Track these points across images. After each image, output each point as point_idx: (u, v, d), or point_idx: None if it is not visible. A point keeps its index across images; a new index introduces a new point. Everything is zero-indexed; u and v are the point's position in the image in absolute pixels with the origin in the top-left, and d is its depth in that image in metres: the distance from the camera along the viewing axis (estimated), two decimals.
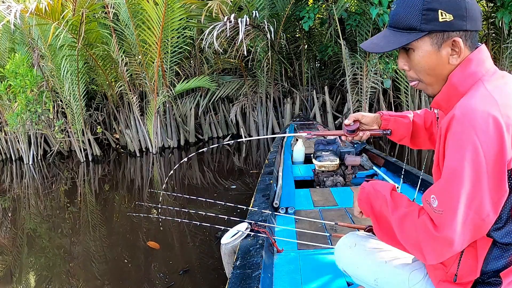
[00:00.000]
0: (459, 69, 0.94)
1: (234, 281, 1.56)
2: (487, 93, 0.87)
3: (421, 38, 0.92)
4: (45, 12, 5.69)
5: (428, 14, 0.90)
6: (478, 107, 0.84)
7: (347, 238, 1.32)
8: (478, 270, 0.97)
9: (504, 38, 6.35)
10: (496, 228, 0.91)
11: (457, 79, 0.94)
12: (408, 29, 0.93)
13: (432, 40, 0.92)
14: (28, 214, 4.67)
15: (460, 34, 0.91)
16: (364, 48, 1.03)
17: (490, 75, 0.93)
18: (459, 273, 1.01)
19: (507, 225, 0.91)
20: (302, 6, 7.05)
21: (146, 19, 6.30)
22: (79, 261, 3.22)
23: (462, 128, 0.84)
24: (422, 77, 0.98)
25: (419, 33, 0.92)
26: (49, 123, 7.49)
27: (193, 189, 5.06)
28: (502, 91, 0.89)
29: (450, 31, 0.90)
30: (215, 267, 2.82)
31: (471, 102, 0.86)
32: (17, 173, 7.01)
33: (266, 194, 2.60)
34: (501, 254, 0.94)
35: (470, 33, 0.92)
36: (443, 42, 0.92)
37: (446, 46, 0.92)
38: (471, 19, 0.90)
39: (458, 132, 0.85)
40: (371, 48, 1.01)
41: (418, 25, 0.91)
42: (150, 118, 7.17)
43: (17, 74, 6.69)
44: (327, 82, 8.72)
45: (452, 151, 0.86)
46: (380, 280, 1.20)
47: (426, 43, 0.93)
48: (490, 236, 0.93)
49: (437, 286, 1.09)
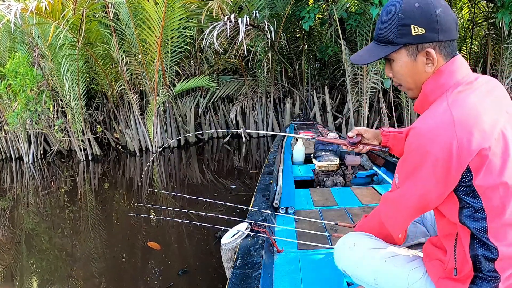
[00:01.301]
0: (431, 80, 1.05)
1: (234, 281, 1.56)
2: (447, 108, 0.97)
3: (398, 51, 1.05)
4: (45, 11, 5.69)
5: (402, 29, 1.01)
6: (434, 123, 0.96)
7: (346, 238, 1.32)
8: (468, 258, 1.01)
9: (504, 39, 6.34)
10: (465, 217, 1.00)
11: (428, 89, 1.06)
12: (387, 42, 1.06)
13: (408, 52, 1.04)
14: (27, 213, 4.67)
15: (433, 45, 1.02)
16: (352, 61, 1.16)
17: (458, 85, 1.02)
18: (458, 266, 1.04)
19: (474, 216, 0.99)
20: (302, 6, 7.05)
21: (146, 19, 6.30)
22: (78, 260, 3.22)
23: (417, 138, 0.98)
24: (403, 83, 1.12)
25: (395, 46, 1.04)
26: (49, 123, 7.49)
27: (193, 189, 5.06)
28: (462, 104, 0.97)
29: (423, 43, 1.01)
30: (214, 268, 2.81)
31: (430, 117, 0.99)
32: (17, 172, 7.02)
33: (266, 194, 2.60)
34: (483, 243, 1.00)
35: (443, 43, 1.02)
36: (418, 53, 1.03)
37: (420, 56, 1.03)
38: (443, 30, 1.00)
39: (414, 140, 0.99)
40: (357, 61, 1.14)
41: (394, 39, 1.03)
42: (150, 117, 7.17)
43: (17, 73, 6.69)
44: (327, 82, 8.72)
45: (408, 149, 1.02)
46: (380, 280, 1.21)
47: (403, 55, 1.05)
48: (463, 223, 1.01)
49: (436, 283, 1.10)
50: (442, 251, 1.11)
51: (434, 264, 1.12)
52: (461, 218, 1.01)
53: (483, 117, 0.95)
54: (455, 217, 1.02)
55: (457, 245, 1.05)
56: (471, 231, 1.01)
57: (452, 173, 0.95)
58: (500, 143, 0.96)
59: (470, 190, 0.97)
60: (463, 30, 8.41)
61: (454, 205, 1.01)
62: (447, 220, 1.07)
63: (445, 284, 1.07)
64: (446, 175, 0.96)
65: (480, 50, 7.99)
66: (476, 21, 7.66)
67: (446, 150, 0.93)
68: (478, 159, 0.94)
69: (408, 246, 1.39)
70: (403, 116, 7.14)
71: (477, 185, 0.96)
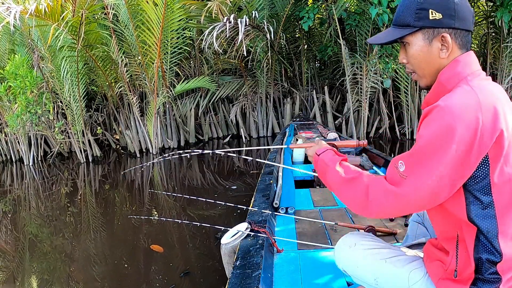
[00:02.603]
0: (447, 69, 1.05)
1: (234, 281, 1.56)
2: (471, 89, 0.97)
3: (414, 34, 1.07)
4: (44, 13, 5.69)
5: (420, 13, 1.04)
6: (460, 101, 0.95)
7: (346, 238, 1.32)
8: (472, 261, 1.00)
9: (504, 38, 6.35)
10: (474, 213, 0.99)
11: (444, 77, 1.05)
12: (405, 25, 1.08)
13: (424, 36, 1.06)
14: (28, 215, 4.67)
15: (448, 31, 1.04)
16: (369, 42, 1.19)
17: (475, 76, 1.03)
18: (458, 269, 1.03)
19: (484, 212, 0.98)
20: (301, 6, 7.05)
21: (145, 20, 6.30)
22: (79, 262, 3.22)
23: (442, 114, 0.94)
24: (416, 69, 1.12)
25: (412, 29, 1.07)
26: (49, 124, 7.49)
27: (193, 189, 5.06)
28: (484, 89, 0.98)
29: (439, 27, 1.04)
30: (215, 268, 2.81)
31: (455, 96, 0.97)
32: (18, 174, 7.02)
33: (266, 194, 2.60)
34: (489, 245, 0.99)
35: (459, 32, 1.04)
36: (434, 38, 1.05)
37: (436, 41, 1.05)
38: (460, 18, 1.03)
39: (438, 116, 0.95)
40: (373, 41, 1.18)
41: (411, 22, 1.06)
42: (150, 118, 7.17)
43: (17, 76, 6.70)
44: (327, 82, 8.72)
45: (429, 127, 0.96)
46: (380, 280, 1.20)
47: (419, 38, 1.07)
48: (471, 221, 0.99)
49: (437, 284, 1.09)
50: (443, 252, 1.11)
51: (434, 265, 1.11)
52: (470, 215, 0.99)
53: (503, 106, 0.97)
54: (462, 213, 1.00)
55: (459, 247, 1.03)
56: (477, 232, 0.99)
57: (472, 156, 0.92)
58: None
59: (483, 183, 0.96)
60: None
61: (461, 200, 0.99)
62: (447, 222, 1.06)
63: (446, 285, 1.06)
64: (466, 157, 0.92)
65: (479, 49, 7.99)
66: (475, 20, 7.65)
67: (472, 128, 0.91)
68: (496, 147, 0.93)
69: (408, 246, 1.39)
70: (403, 115, 7.14)
71: (493, 177, 0.95)
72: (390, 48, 6.14)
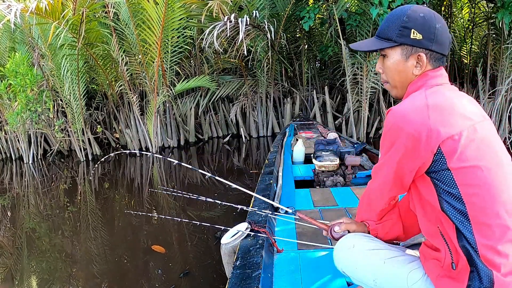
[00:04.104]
0: (415, 81, 1.17)
1: (234, 281, 1.56)
2: (423, 94, 1.09)
3: (394, 48, 1.17)
4: (45, 11, 5.69)
5: (403, 31, 1.14)
6: (409, 104, 1.08)
7: (345, 239, 1.32)
8: (460, 251, 1.04)
9: (504, 39, 6.34)
10: (445, 203, 1.06)
11: (411, 88, 1.17)
12: (387, 39, 1.18)
13: (402, 51, 1.16)
14: (28, 213, 4.67)
15: (425, 52, 1.14)
16: (351, 47, 1.29)
17: (436, 86, 1.12)
18: (454, 260, 1.05)
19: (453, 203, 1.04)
20: (302, 6, 7.05)
21: (146, 19, 6.30)
22: (78, 261, 3.22)
23: (391, 116, 1.09)
24: (390, 80, 1.23)
25: (393, 43, 1.17)
26: (49, 123, 7.49)
27: (193, 188, 5.06)
28: (437, 93, 1.09)
29: (418, 47, 1.14)
30: (215, 268, 2.81)
31: (405, 101, 1.11)
32: (17, 172, 7.02)
33: (266, 194, 2.61)
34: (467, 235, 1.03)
35: (435, 54, 1.15)
36: (411, 55, 1.15)
37: (412, 59, 1.15)
38: (438, 42, 1.13)
39: (388, 119, 1.10)
40: (356, 47, 1.27)
41: (393, 37, 1.16)
42: (150, 117, 7.17)
43: (17, 73, 6.69)
44: (327, 82, 8.73)
45: (384, 127, 1.13)
46: (379, 281, 1.21)
47: (397, 53, 1.17)
48: (444, 212, 1.06)
49: (435, 283, 1.10)
50: (435, 250, 1.12)
51: (431, 263, 1.12)
52: (442, 206, 1.06)
53: (459, 106, 1.06)
54: (436, 204, 1.07)
55: (447, 240, 1.07)
56: (453, 222, 1.04)
57: (421, 150, 1.04)
58: (475, 133, 1.03)
59: (444, 175, 1.04)
60: (463, 30, 8.41)
61: (433, 191, 1.07)
62: (429, 217, 1.12)
63: (444, 283, 1.07)
64: (415, 150, 1.04)
65: (480, 50, 8.00)
66: (476, 21, 7.66)
67: (417, 129, 1.02)
68: (450, 143, 1.02)
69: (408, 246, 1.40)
70: None
71: (452, 167, 1.03)
72: None
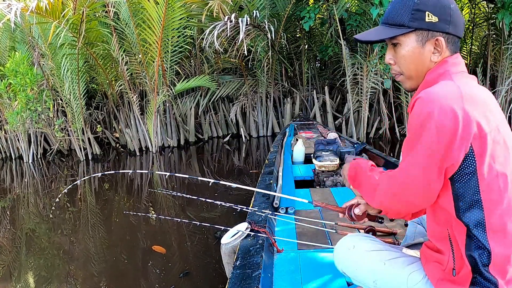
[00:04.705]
0: (434, 68, 1.06)
1: (234, 281, 1.56)
2: (453, 83, 0.98)
3: (408, 34, 1.05)
4: (45, 11, 5.69)
5: (416, 14, 1.03)
6: (440, 90, 0.96)
7: (346, 239, 1.32)
8: (465, 260, 1.00)
9: (505, 39, 6.35)
10: (462, 210, 0.99)
11: (430, 76, 1.06)
12: (398, 25, 1.06)
13: (418, 37, 1.05)
14: (27, 213, 4.67)
15: (442, 35, 1.04)
16: (357, 38, 1.15)
17: (460, 74, 1.04)
18: (456, 267, 1.03)
19: (471, 210, 0.98)
20: (302, 6, 7.05)
21: (146, 18, 6.30)
22: (77, 261, 3.22)
23: (421, 103, 0.96)
24: (404, 70, 1.11)
25: (406, 29, 1.05)
26: (49, 122, 7.49)
27: (193, 188, 5.06)
28: (468, 84, 1.00)
29: (434, 31, 1.03)
30: (215, 268, 2.81)
31: (435, 86, 0.99)
32: (17, 171, 7.02)
33: (266, 194, 2.60)
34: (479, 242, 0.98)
35: (452, 37, 1.05)
36: (427, 40, 1.04)
37: (429, 44, 1.05)
38: (454, 24, 1.04)
39: (420, 105, 0.96)
40: (363, 37, 1.14)
41: (406, 22, 1.04)
42: (150, 117, 7.17)
43: (17, 73, 6.69)
44: (327, 82, 8.72)
45: (413, 119, 0.98)
46: (379, 282, 1.20)
47: (412, 39, 1.06)
48: (460, 218, 1.00)
49: (436, 285, 1.09)
50: (439, 253, 1.10)
51: (432, 266, 1.11)
52: (458, 212, 0.99)
53: (487, 101, 0.99)
54: (451, 209, 1.00)
55: (454, 246, 1.04)
56: (466, 230, 0.99)
57: (455, 145, 0.92)
58: (499, 134, 0.98)
59: (471, 180, 0.96)
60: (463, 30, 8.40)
61: (450, 196, 1.00)
62: (439, 220, 1.06)
63: (445, 286, 1.06)
64: (450, 144, 0.92)
65: (480, 51, 8.00)
66: (476, 21, 7.66)
67: (451, 115, 0.91)
68: (480, 142, 0.93)
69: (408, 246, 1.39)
70: (403, 116, 7.14)
71: (480, 174, 0.95)
72: None
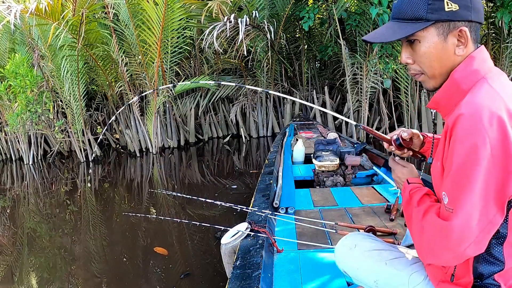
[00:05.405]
0: (462, 66, 0.93)
1: (234, 281, 1.56)
2: (493, 90, 0.87)
3: (427, 28, 0.92)
4: (45, 12, 5.69)
5: (434, 4, 0.90)
6: (485, 104, 0.83)
7: (347, 239, 1.31)
8: (470, 269, 0.97)
9: (504, 38, 6.35)
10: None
11: (459, 75, 0.93)
12: (414, 19, 0.93)
13: (438, 30, 0.92)
14: (28, 214, 4.67)
15: (465, 24, 0.91)
16: (367, 39, 1.00)
17: (492, 73, 0.93)
18: (456, 273, 1.01)
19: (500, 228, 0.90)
20: (302, 6, 7.06)
21: (146, 19, 6.30)
22: (78, 262, 3.22)
23: (470, 125, 0.82)
24: (426, 69, 0.97)
25: (425, 23, 0.91)
26: (49, 123, 7.49)
27: (193, 189, 5.06)
28: (506, 88, 0.89)
29: (456, 20, 0.90)
30: (215, 269, 2.81)
31: (478, 100, 0.85)
32: (17, 173, 7.02)
33: (266, 194, 2.60)
34: (492, 256, 0.93)
35: (474, 24, 0.93)
36: (450, 32, 0.91)
37: (452, 36, 0.92)
38: (476, 10, 0.91)
39: (466, 129, 0.83)
40: (375, 39, 0.99)
41: (424, 14, 0.91)
42: (150, 118, 7.17)
43: (17, 74, 6.70)
44: (327, 82, 8.73)
45: (460, 148, 0.84)
46: (380, 282, 1.19)
47: (432, 34, 0.92)
48: None
49: (437, 287, 1.08)
50: None
51: (434, 267, 1.09)
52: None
53: None
54: None
55: None
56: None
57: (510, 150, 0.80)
58: None
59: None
60: None
61: None
62: None
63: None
64: (506, 168, 0.80)
65: None
66: None
67: (504, 136, 0.80)
68: None
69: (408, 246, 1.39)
70: (403, 116, 7.14)
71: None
72: (390, 48, 6.14)
